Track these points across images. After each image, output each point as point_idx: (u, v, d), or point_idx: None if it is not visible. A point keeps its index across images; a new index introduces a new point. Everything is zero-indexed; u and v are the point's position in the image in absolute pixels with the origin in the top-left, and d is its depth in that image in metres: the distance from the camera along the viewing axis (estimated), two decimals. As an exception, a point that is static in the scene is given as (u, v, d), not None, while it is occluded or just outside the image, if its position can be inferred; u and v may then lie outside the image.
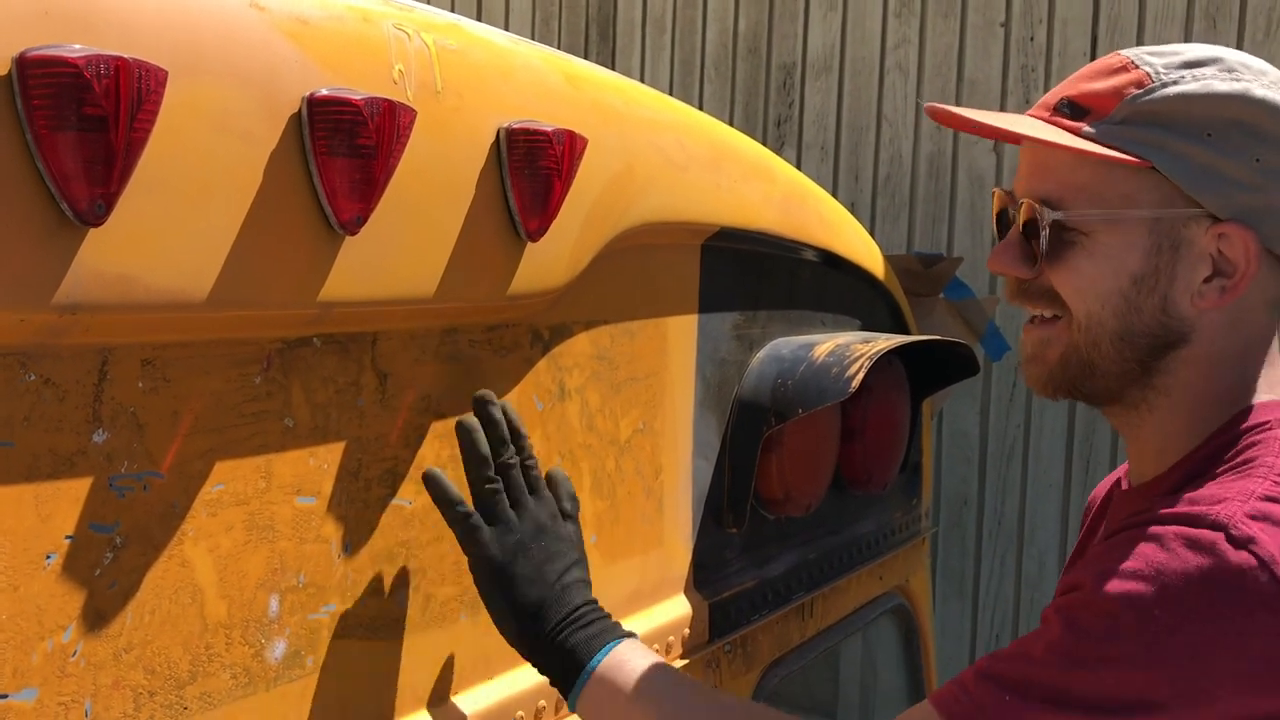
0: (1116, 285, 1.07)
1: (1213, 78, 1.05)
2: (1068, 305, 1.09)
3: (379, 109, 0.95)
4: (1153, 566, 0.96)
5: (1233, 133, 1.04)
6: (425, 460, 1.16)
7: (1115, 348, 1.08)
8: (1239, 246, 1.05)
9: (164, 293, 0.87)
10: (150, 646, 0.92)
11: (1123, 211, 1.06)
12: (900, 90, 4.28)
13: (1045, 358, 1.13)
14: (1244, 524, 0.96)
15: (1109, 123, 1.06)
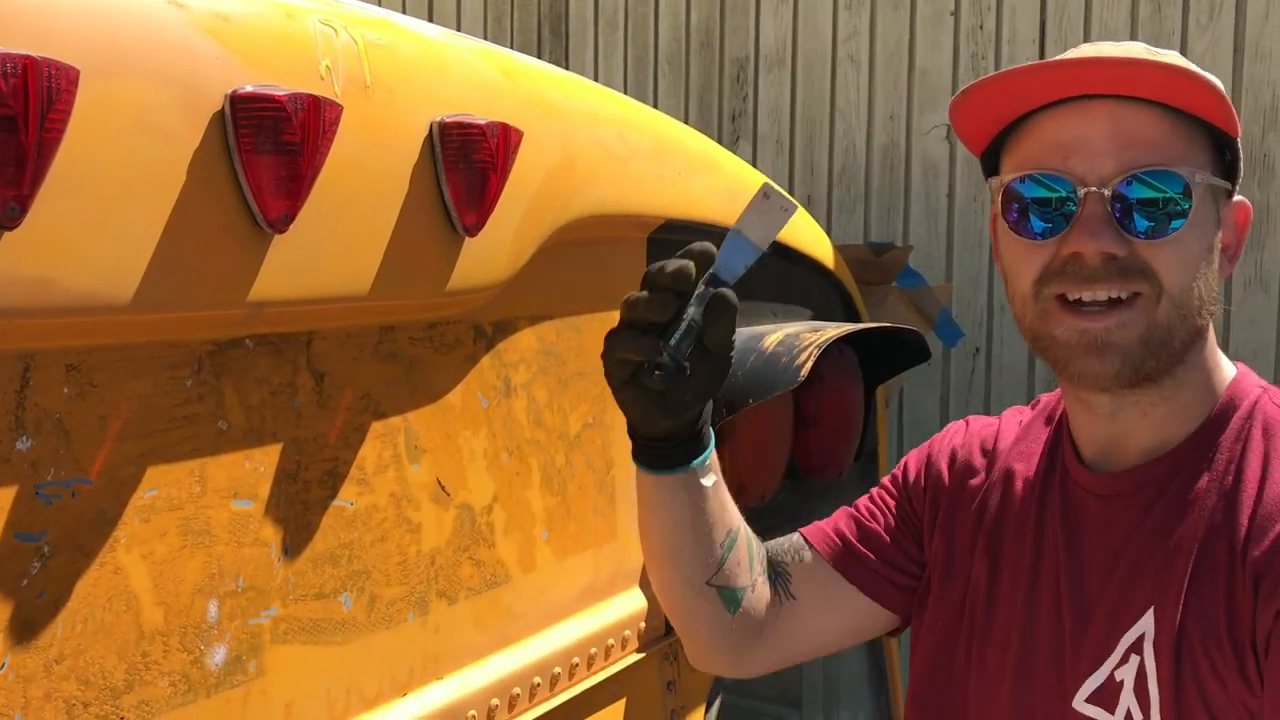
0: (1203, 257, 1.09)
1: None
2: (1160, 280, 1.07)
3: (303, 105, 0.94)
4: None
5: (1235, 120, 1.11)
6: (366, 461, 1.15)
7: (1191, 321, 1.09)
8: (1242, 215, 1.15)
9: (86, 296, 0.85)
10: (83, 656, 0.90)
11: (1211, 179, 1.09)
12: (853, 82, 4.29)
13: (1122, 342, 1.08)
14: None
15: (1206, 89, 1.07)
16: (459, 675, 1.25)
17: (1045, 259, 1.10)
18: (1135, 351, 1.08)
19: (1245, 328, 3.72)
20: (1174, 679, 1.05)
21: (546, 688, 1.36)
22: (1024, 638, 1.20)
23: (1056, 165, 1.09)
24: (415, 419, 1.20)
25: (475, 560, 1.29)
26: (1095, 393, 1.14)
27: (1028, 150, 1.12)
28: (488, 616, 1.30)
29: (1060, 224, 1.09)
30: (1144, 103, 1.07)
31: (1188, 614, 1.06)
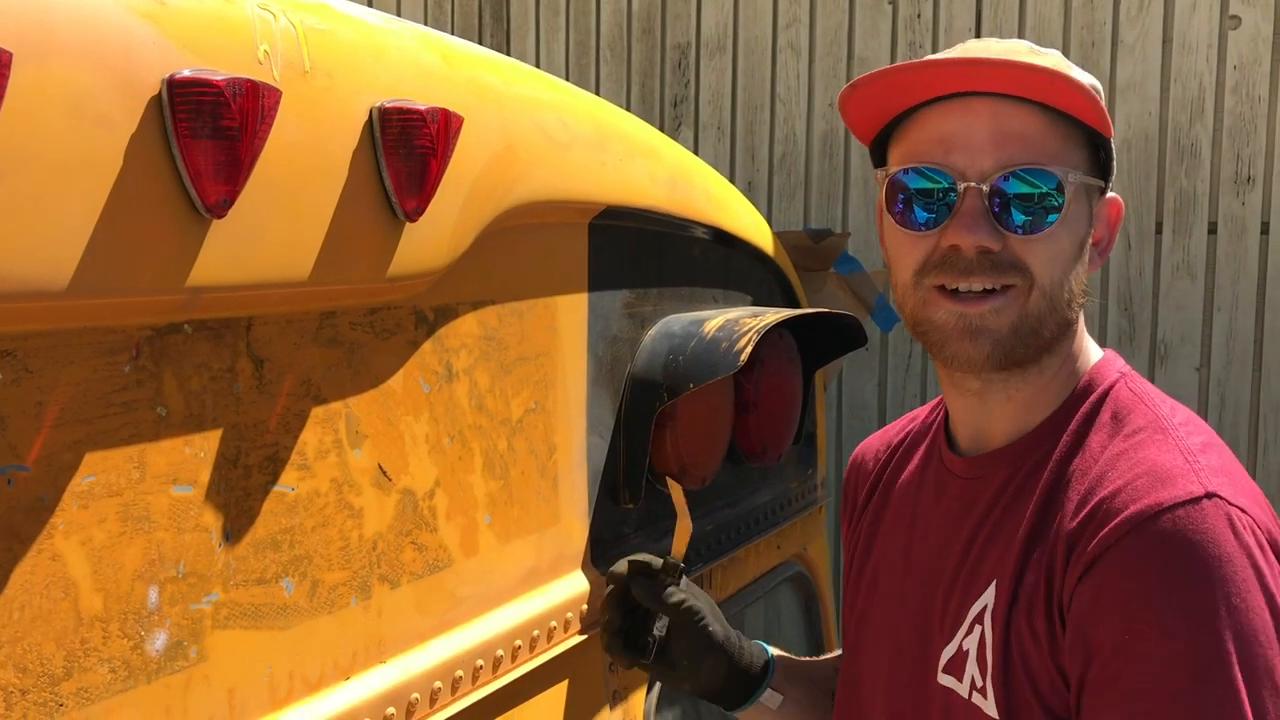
0: (1074, 250, 1.14)
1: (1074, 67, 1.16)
2: (1032, 273, 1.11)
3: (242, 90, 0.94)
4: (1190, 558, 1.00)
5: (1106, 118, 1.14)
6: (307, 446, 1.15)
7: (1061, 313, 1.14)
8: (1113, 210, 1.19)
9: (20, 281, 0.85)
10: (21, 644, 0.90)
11: (1085, 178, 1.13)
12: (793, 69, 4.33)
13: (993, 328, 1.12)
14: (1212, 478, 1.04)
15: (1078, 89, 1.10)
16: (402, 659, 1.26)
17: (927, 249, 1.15)
18: (1006, 338, 1.13)
19: (1172, 313, 3.82)
20: (1003, 645, 1.11)
21: (489, 670, 1.38)
22: (895, 619, 1.27)
23: (938, 159, 1.13)
24: (356, 404, 1.21)
25: (417, 545, 1.29)
26: (966, 374, 1.18)
27: (912, 143, 1.16)
28: (430, 600, 1.31)
29: (942, 215, 1.13)
30: (1024, 102, 1.11)
31: (1019, 585, 1.11)
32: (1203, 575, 1.00)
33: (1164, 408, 1.15)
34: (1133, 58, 3.78)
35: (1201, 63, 3.70)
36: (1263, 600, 1.00)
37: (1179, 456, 1.07)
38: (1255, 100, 3.65)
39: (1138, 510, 1.04)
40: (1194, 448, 1.09)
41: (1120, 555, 1.03)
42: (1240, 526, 1.02)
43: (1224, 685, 0.97)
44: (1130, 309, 3.85)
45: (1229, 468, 1.10)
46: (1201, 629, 0.99)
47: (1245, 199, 3.69)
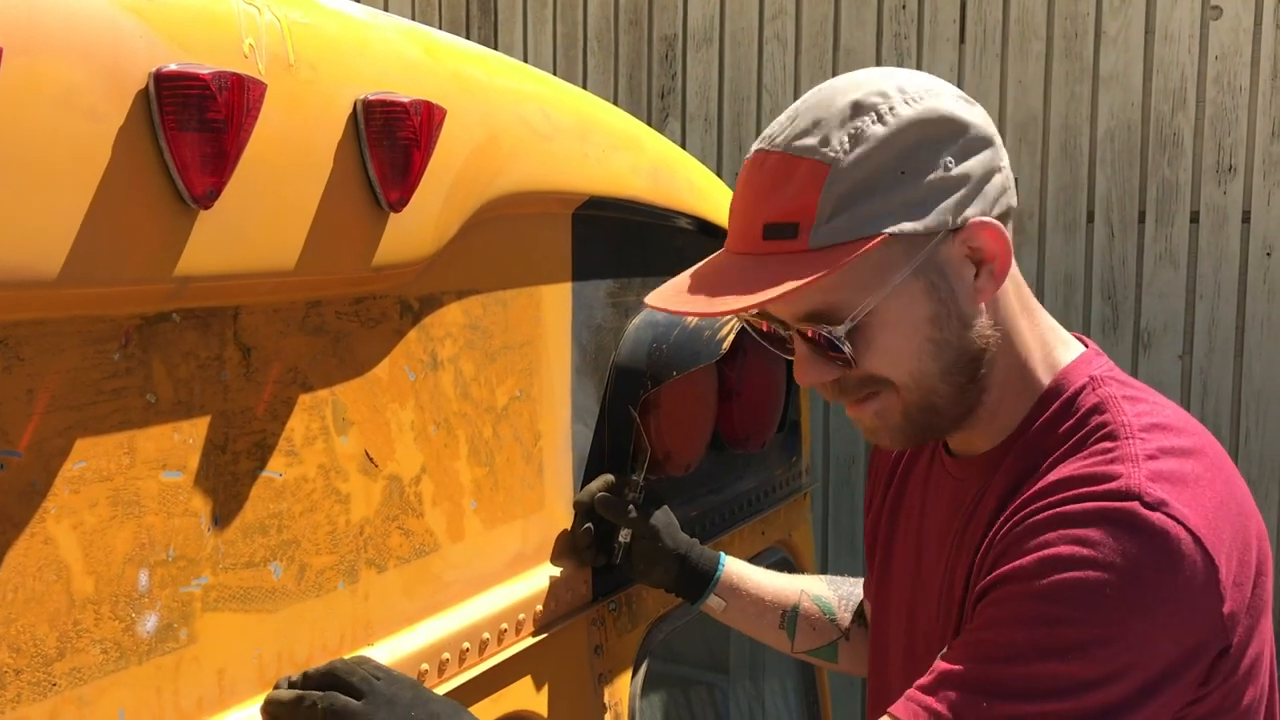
0: (921, 337, 1.11)
1: (870, 125, 1.07)
2: (888, 379, 1.13)
3: (227, 83, 0.96)
4: (1087, 545, 1.01)
5: (918, 157, 1.08)
6: (294, 433, 1.17)
7: (946, 382, 1.14)
8: (983, 235, 1.10)
9: (12, 271, 0.87)
10: (14, 625, 0.92)
11: (889, 282, 1.08)
12: (779, 61, 4.35)
13: (889, 424, 1.16)
14: (1149, 487, 1.03)
15: (825, 223, 1.06)
16: (389, 641, 1.28)
17: None
18: (905, 427, 1.16)
19: (1155, 300, 3.85)
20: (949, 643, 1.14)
21: (475, 653, 1.40)
22: (912, 602, 1.31)
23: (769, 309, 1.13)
24: (343, 392, 1.23)
25: (404, 530, 1.32)
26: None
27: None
28: (417, 584, 1.34)
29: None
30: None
31: (967, 590, 1.15)
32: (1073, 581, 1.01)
33: (1128, 413, 1.11)
34: (1115, 48, 3.80)
35: (1183, 53, 3.73)
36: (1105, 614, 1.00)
37: (1117, 464, 1.06)
38: (1236, 90, 3.68)
39: (1045, 517, 1.05)
40: (1140, 454, 1.06)
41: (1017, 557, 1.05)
42: (1158, 533, 1.00)
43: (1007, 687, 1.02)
44: (1113, 297, 3.89)
45: (1190, 475, 1.06)
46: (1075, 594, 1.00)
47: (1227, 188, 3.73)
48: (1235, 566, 1.04)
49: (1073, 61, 3.87)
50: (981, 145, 1.11)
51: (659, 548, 1.59)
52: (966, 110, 1.11)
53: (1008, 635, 1.03)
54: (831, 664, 1.64)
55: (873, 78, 1.12)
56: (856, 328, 1.10)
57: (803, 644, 1.63)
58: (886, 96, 1.09)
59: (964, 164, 1.09)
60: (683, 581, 1.61)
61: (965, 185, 1.09)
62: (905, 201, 1.07)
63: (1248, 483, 1.14)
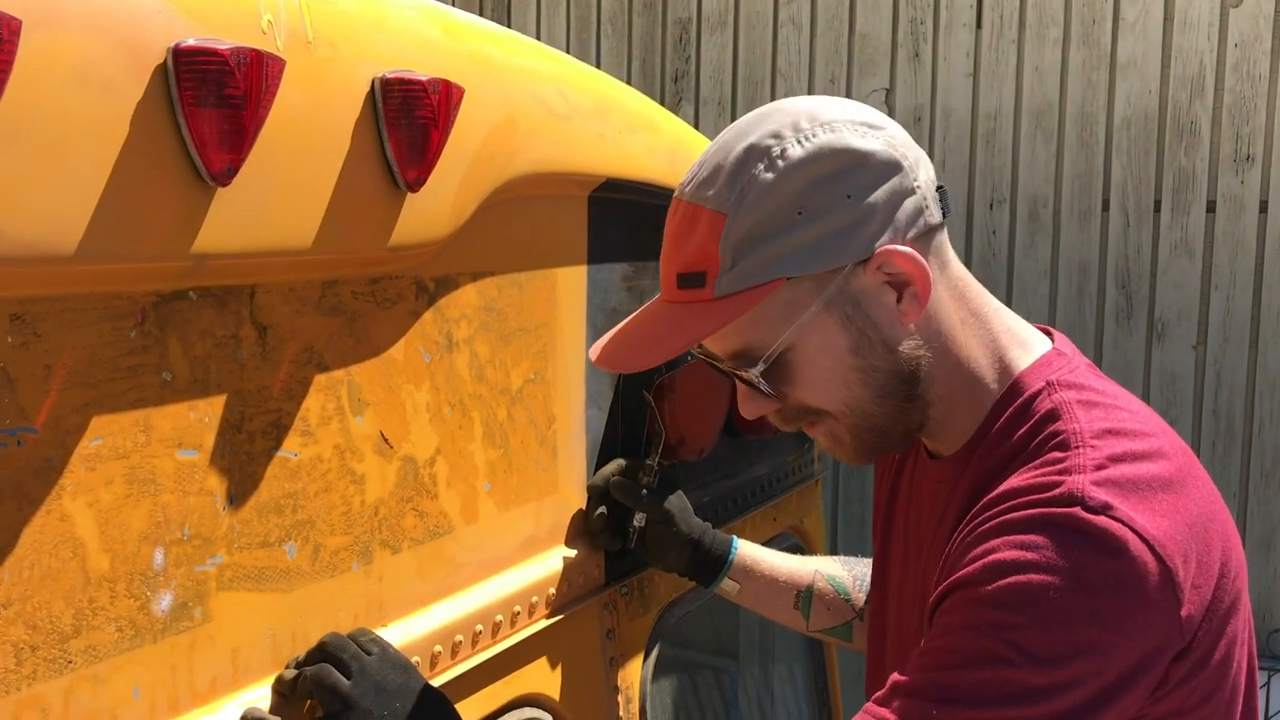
0: (844, 367, 1.12)
1: (762, 173, 1.08)
2: (821, 408, 1.16)
3: (246, 59, 0.95)
4: (1032, 551, 1.00)
5: (813, 195, 1.07)
6: (309, 413, 1.17)
7: (882, 406, 1.14)
8: (897, 261, 1.09)
9: (29, 246, 0.86)
10: (31, 601, 0.92)
11: (797, 319, 1.10)
12: (794, 44, 4.32)
13: (843, 443, 1.19)
14: (1094, 491, 1.02)
15: (727, 271, 1.08)
16: (403, 622, 1.28)
17: None
18: (857, 448, 1.18)
19: (1170, 290, 3.83)
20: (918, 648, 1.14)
21: (489, 635, 1.40)
22: (896, 605, 1.32)
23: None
24: (358, 372, 1.22)
25: (418, 511, 1.31)
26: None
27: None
28: (431, 566, 1.33)
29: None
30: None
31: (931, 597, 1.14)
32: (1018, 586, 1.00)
33: (1081, 420, 1.10)
34: (1134, 35, 3.78)
35: (1203, 40, 3.70)
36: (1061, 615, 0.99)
37: (1064, 474, 1.05)
38: (1256, 79, 3.65)
39: (990, 526, 1.05)
40: (1089, 463, 1.05)
41: (965, 565, 1.05)
42: (1101, 535, 1.00)
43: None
44: (1128, 286, 3.87)
45: (1142, 479, 1.05)
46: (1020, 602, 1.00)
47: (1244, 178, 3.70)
48: (1194, 568, 1.03)
49: (1090, 48, 3.84)
50: (886, 173, 1.09)
51: (673, 532, 1.59)
52: (867, 139, 1.09)
53: (956, 642, 1.03)
54: (846, 643, 1.65)
55: (774, 116, 1.11)
56: (779, 364, 1.12)
57: (817, 623, 1.64)
58: (780, 138, 1.09)
59: (867, 196, 1.08)
60: (696, 565, 1.62)
61: (870, 216, 1.08)
62: (802, 243, 1.08)
63: (1260, 473, 1.13)
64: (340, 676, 1.12)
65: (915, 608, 1.26)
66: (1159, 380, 3.85)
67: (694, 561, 1.61)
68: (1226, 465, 3.69)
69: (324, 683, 1.11)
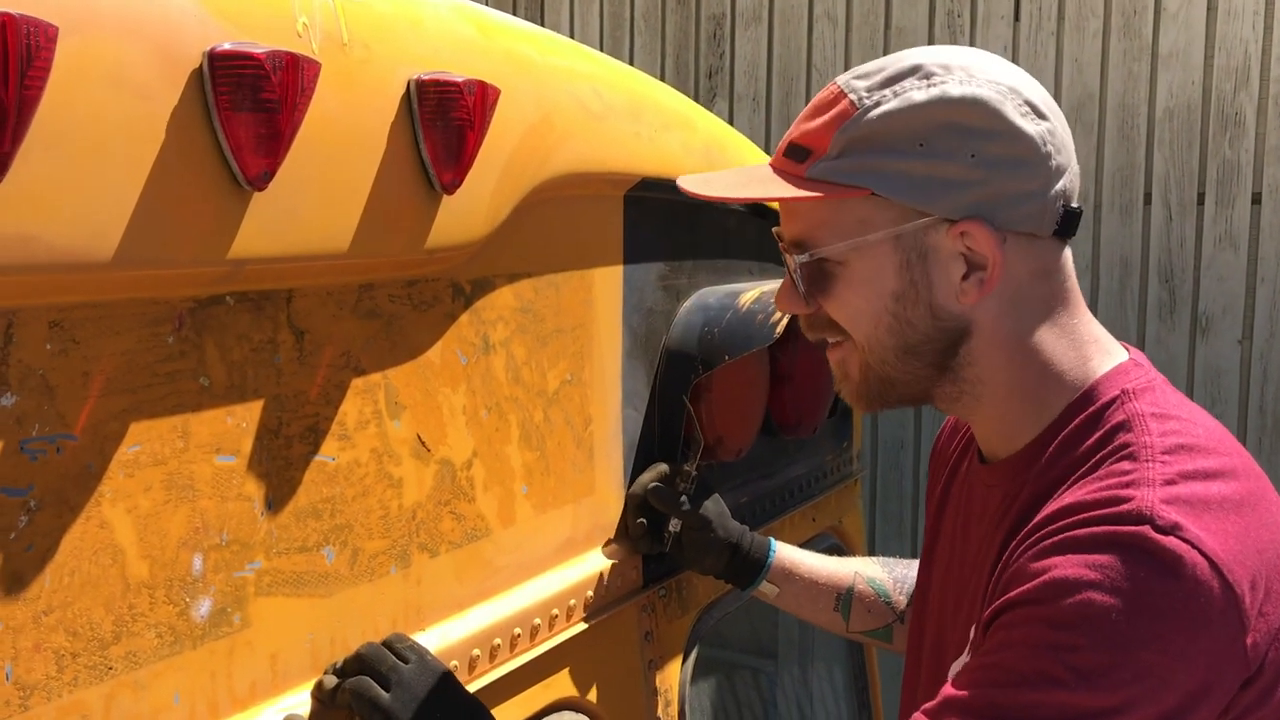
0: (882, 305, 1.10)
1: (911, 89, 1.07)
2: (847, 331, 1.14)
3: (282, 62, 0.95)
4: (1097, 570, 0.97)
5: (943, 136, 1.06)
6: (347, 417, 1.16)
7: (903, 360, 1.12)
8: (981, 240, 1.07)
9: (67, 252, 0.86)
10: (71, 608, 0.92)
11: (862, 238, 1.09)
12: (829, 39, 4.29)
13: (850, 376, 1.17)
14: (1163, 511, 0.98)
15: (827, 160, 1.08)
16: (441, 626, 1.27)
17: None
18: (860, 387, 1.17)
19: (1214, 284, 3.77)
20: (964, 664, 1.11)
21: (527, 638, 1.39)
22: (945, 600, 1.27)
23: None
24: (395, 376, 1.22)
25: (456, 514, 1.31)
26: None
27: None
28: (468, 569, 1.33)
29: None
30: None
31: (984, 607, 1.10)
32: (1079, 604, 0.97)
33: (1153, 433, 1.06)
34: (1176, 25, 3.71)
35: (1247, 30, 3.63)
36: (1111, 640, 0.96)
37: (1132, 488, 1.01)
38: (1302, 68, 3.58)
39: (1054, 542, 1.01)
40: (1158, 478, 1.01)
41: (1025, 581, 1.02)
42: (1171, 557, 0.96)
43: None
44: (1171, 281, 3.81)
45: (1213, 499, 1.01)
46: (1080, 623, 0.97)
47: (1290, 169, 3.63)
48: (1262, 595, 1.00)
49: (1131, 39, 3.78)
50: (1021, 158, 1.07)
51: (710, 537, 1.58)
52: (1025, 120, 1.07)
53: (1012, 661, 1.00)
54: (886, 644, 1.63)
55: (958, 55, 1.10)
56: (824, 271, 1.12)
57: (857, 625, 1.62)
58: (947, 71, 1.07)
59: (989, 167, 1.06)
60: (734, 569, 1.61)
61: (981, 185, 1.06)
62: (907, 172, 1.06)
63: None
64: (379, 690, 1.11)
65: (958, 611, 1.23)
66: (1203, 376, 3.78)
67: (732, 565, 1.60)
68: (1273, 462, 3.62)
69: (364, 696, 1.11)
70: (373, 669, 1.13)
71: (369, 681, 1.12)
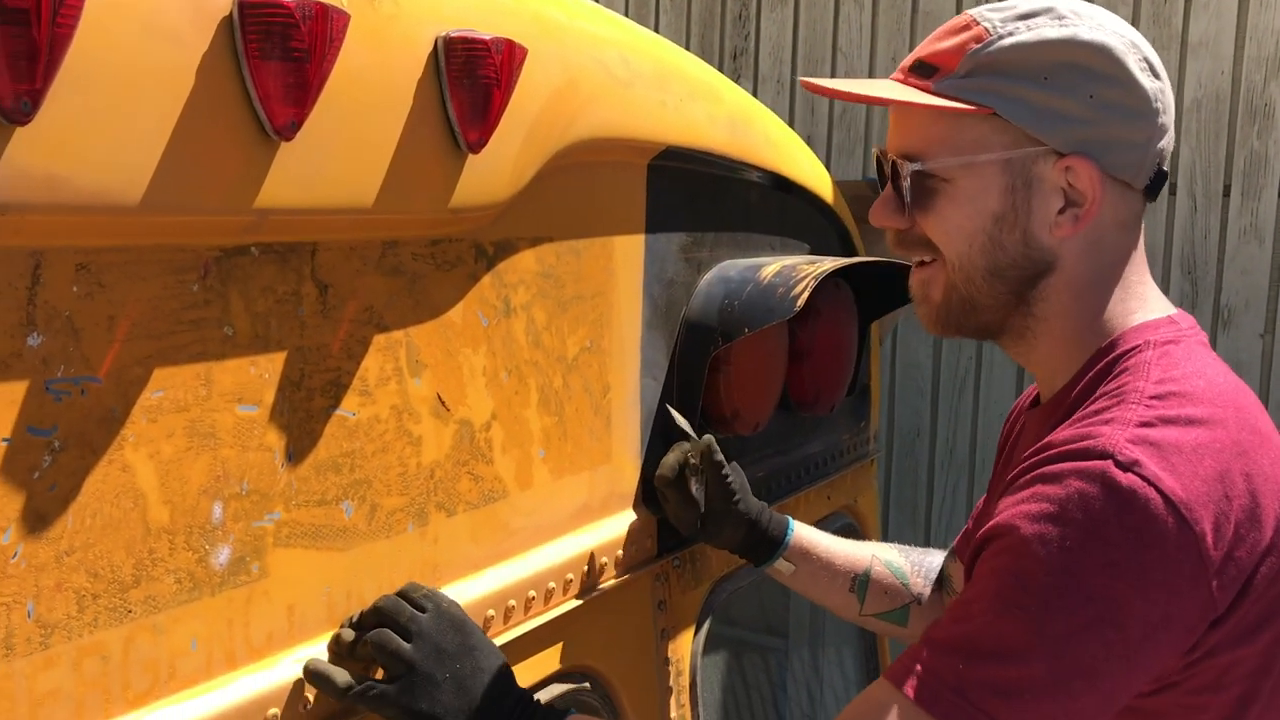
0: (980, 225, 1.16)
1: (1045, 26, 1.14)
2: (939, 248, 1.18)
3: (311, 12, 0.95)
4: (1055, 503, 1.03)
5: (1067, 73, 1.13)
6: (369, 372, 1.16)
7: (988, 283, 1.17)
8: (1084, 177, 1.13)
9: (94, 194, 0.87)
10: (92, 550, 0.92)
11: (975, 156, 1.15)
12: (855, 22, 4.26)
13: (930, 298, 1.22)
14: (1126, 449, 1.03)
15: (955, 77, 1.14)
16: (456, 585, 1.28)
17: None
18: (940, 309, 1.21)
19: (1237, 277, 3.74)
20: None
21: (541, 601, 1.40)
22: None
23: (886, 139, 1.23)
24: (416, 334, 1.22)
25: (473, 475, 1.31)
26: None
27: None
28: (485, 530, 1.33)
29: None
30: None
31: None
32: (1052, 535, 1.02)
33: (1150, 379, 1.10)
34: (1206, 13, 3.68)
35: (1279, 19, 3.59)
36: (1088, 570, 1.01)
37: (1105, 425, 1.06)
38: (1334, 60, 3.54)
39: (1028, 477, 1.07)
40: (1134, 418, 1.06)
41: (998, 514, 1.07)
42: (1125, 491, 1.01)
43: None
44: (1194, 272, 3.78)
45: (1186, 444, 1.05)
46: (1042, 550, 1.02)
47: (1319, 162, 3.60)
48: (1229, 539, 1.03)
49: (1160, 27, 3.75)
50: (1135, 109, 1.14)
51: (731, 509, 1.57)
52: (1144, 75, 1.14)
53: (979, 593, 1.06)
54: (900, 627, 1.62)
55: (1092, 6, 1.17)
56: (931, 185, 1.16)
57: (871, 607, 1.61)
58: (1078, 16, 1.15)
59: (1107, 110, 1.13)
60: (751, 544, 1.60)
61: (1093, 124, 1.13)
62: (1029, 100, 1.12)
63: None
64: (400, 641, 1.12)
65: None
66: (1224, 369, 3.76)
67: (749, 540, 1.60)
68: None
69: (385, 648, 1.12)
70: (392, 620, 1.14)
71: (389, 634, 1.12)
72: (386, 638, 1.12)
